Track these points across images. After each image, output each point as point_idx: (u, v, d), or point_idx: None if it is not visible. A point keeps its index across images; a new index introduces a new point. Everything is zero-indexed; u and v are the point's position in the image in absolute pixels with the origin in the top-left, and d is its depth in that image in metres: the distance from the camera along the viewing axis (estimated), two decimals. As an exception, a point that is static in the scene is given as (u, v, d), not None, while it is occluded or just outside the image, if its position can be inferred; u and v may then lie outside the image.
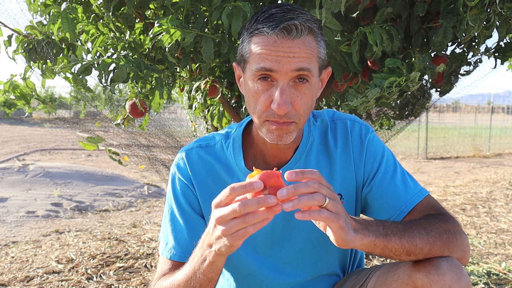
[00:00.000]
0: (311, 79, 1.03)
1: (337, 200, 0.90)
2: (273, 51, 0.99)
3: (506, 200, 5.02)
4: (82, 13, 1.86)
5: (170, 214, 1.22)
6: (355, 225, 0.93)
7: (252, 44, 1.03)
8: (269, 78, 1.02)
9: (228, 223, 0.86)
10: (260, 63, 1.01)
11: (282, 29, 0.98)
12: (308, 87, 1.04)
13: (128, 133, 3.95)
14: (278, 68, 0.99)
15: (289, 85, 1.02)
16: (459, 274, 0.99)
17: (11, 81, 1.86)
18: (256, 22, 1.03)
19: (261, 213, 0.85)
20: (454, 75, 2.03)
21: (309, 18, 1.02)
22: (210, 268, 0.98)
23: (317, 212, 0.86)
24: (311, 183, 0.86)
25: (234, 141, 1.22)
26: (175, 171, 1.24)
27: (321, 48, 1.05)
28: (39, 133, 14.89)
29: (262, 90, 1.03)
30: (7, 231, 3.90)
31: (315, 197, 0.85)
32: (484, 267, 2.75)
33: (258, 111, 1.05)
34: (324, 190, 0.87)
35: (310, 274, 1.27)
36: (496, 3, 1.46)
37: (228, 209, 0.86)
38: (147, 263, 2.90)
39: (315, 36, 1.03)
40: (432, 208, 1.16)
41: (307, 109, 1.06)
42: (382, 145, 1.25)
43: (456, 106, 19.51)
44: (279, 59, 0.99)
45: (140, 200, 5.23)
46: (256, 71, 1.02)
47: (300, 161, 1.20)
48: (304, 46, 1.00)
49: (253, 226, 0.86)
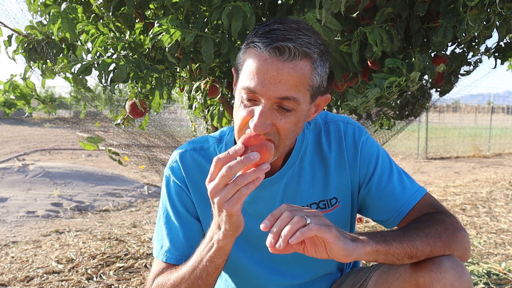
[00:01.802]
0: (297, 107, 0.99)
1: (319, 215, 0.93)
2: (261, 71, 0.96)
3: (506, 200, 5.02)
4: (82, 13, 1.86)
5: (165, 217, 1.22)
6: (350, 236, 0.94)
7: (246, 55, 1.01)
8: (254, 96, 0.99)
9: (221, 191, 0.90)
10: (246, 81, 0.98)
11: (274, 48, 0.94)
12: (294, 114, 1.00)
13: (128, 133, 3.96)
14: (262, 92, 0.96)
15: (272, 108, 0.98)
16: (461, 272, 1.00)
17: (11, 81, 1.86)
18: (255, 34, 0.99)
19: (250, 173, 0.89)
20: (454, 75, 2.02)
21: (310, 41, 0.97)
22: (218, 254, 1.00)
23: (306, 228, 0.88)
24: (283, 215, 0.90)
25: (227, 145, 1.22)
26: (169, 173, 1.23)
27: (316, 76, 1.00)
28: (39, 133, 14.89)
29: (245, 105, 1.01)
30: (7, 231, 3.90)
31: (294, 220, 0.89)
32: (484, 267, 2.75)
33: (238, 125, 1.03)
34: (299, 213, 0.91)
35: (308, 274, 1.27)
36: (496, 3, 1.46)
37: (217, 177, 0.89)
38: (147, 263, 2.90)
39: (312, 62, 0.98)
40: (431, 207, 1.16)
41: (289, 133, 1.02)
42: (377, 146, 1.24)
43: (456, 106, 19.51)
44: (265, 82, 0.95)
45: (140, 200, 5.23)
46: (242, 88, 1.00)
47: (295, 166, 1.19)
48: (294, 71, 0.95)
49: (246, 187, 0.89)
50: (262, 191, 1.18)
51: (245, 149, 0.92)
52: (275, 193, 1.19)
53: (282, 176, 1.18)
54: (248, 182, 0.89)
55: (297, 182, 1.20)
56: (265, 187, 1.18)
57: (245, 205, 1.16)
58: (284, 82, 0.95)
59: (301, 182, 1.20)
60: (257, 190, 1.16)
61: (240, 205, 0.91)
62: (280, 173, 1.18)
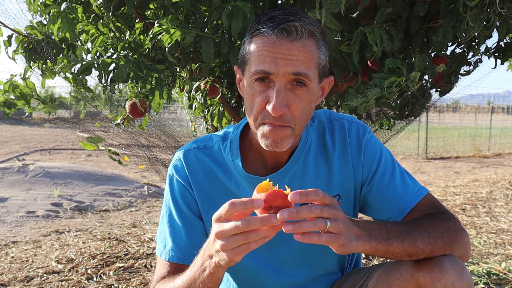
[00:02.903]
0: (309, 84, 1.02)
1: (340, 219, 0.88)
2: (272, 52, 0.99)
3: (506, 200, 5.02)
4: (82, 13, 1.86)
5: (168, 216, 1.22)
6: (357, 232, 0.92)
7: (252, 44, 1.03)
8: (267, 79, 1.02)
9: (229, 238, 0.86)
10: (258, 65, 1.00)
11: (282, 30, 0.98)
12: (306, 92, 1.03)
13: (128, 133, 3.95)
14: (275, 70, 0.99)
15: (286, 87, 1.01)
16: (462, 272, 1.00)
17: (11, 81, 1.86)
18: (257, 23, 1.03)
19: (263, 230, 0.84)
20: (454, 75, 2.02)
21: (311, 22, 1.02)
22: (210, 279, 0.98)
23: (316, 236, 0.86)
24: (314, 208, 0.85)
25: (231, 143, 1.22)
26: (173, 172, 1.23)
27: (321, 54, 1.04)
28: (39, 133, 14.89)
29: (259, 91, 1.03)
30: (7, 231, 3.90)
31: (317, 223, 0.85)
32: (484, 267, 2.75)
33: (254, 113, 1.04)
34: (326, 213, 0.86)
35: (309, 273, 1.27)
36: (496, 3, 1.46)
37: (230, 225, 0.85)
38: (147, 263, 2.90)
39: (316, 41, 1.02)
40: (432, 207, 1.16)
41: (304, 114, 1.05)
42: (380, 145, 1.25)
43: (456, 106, 19.49)
44: (277, 61, 0.98)
45: (140, 200, 5.23)
46: (254, 73, 1.01)
47: (299, 163, 1.20)
48: (304, 49, 1.00)
49: (255, 243, 0.86)
50: None
51: (265, 204, 0.85)
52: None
53: (286, 172, 1.19)
54: (259, 238, 0.85)
55: (301, 179, 1.20)
56: None
57: None
58: (296, 59, 0.99)
59: (305, 178, 1.20)
60: None
61: (242, 256, 0.88)
62: (285, 169, 1.18)
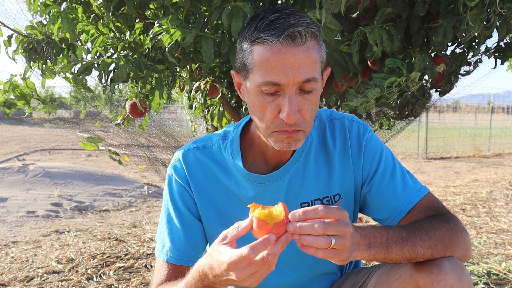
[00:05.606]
0: (316, 85, 1.02)
1: (347, 236, 0.88)
2: (280, 63, 0.96)
3: (506, 200, 5.02)
4: (82, 13, 1.86)
5: (167, 216, 1.22)
6: (359, 240, 0.92)
7: (255, 53, 1.00)
8: (276, 89, 1.00)
9: (251, 277, 0.87)
10: (266, 76, 0.98)
11: (287, 37, 0.95)
12: (314, 94, 1.03)
13: (128, 133, 3.96)
14: (285, 81, 0.97)
15: (296, 93, 1.00)
16: (461, 273, 1.00)
17: (11, 81, 1.86)
18: (256, 30, 0.98)
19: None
20: (454, 75, 2.02)
21: (309, 21, 1.00)
22: None
23: (320, 252, 0.87)
24: (317, 226, 0.85)
25: (232, 141, 1.21)
26: (172, 172, 1.23)
27: (322, 51, 1.04)
28: (39, 133, 14.89)
29: (269, 101, 1.01)
30: (7, 231, 3.90)
31: (320, 241, 0.85)
32: (484, 267, 2.75)
33: (267, 122, 1.03)
34: (332, 230, 0.86)
35: (308, 274, 1.27)
36: (496, 3, 1.46)
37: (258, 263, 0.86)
38: (147, 263, 2.90)
39: (317, 40, 1.01)
40: (432, 207, 1.16)
41: (313, 115, 1.06)
42: (381, 144, 1.24)
43: (456, 106, 19.51)
44: (286, 71, 0.96)
45: (140, 200, 5.23)
46: (262, 84, 0.99)
47: (299, 161, 1.20)
48: (308, 53, 0.98)
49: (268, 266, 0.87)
50: (267, 186, 1.18)
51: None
52: (280, 188, 1.19)
53: (287, 170, 1.18)
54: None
55: (302, 178, 1.20)
56: (270, 181, 1.17)
57: (250, 200, 1.16)
58: (303, 65, 0.97)
59: (305, 177, 1.20)
60: (262, 185, 1.17)
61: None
62: (285, 168, 1.18)
